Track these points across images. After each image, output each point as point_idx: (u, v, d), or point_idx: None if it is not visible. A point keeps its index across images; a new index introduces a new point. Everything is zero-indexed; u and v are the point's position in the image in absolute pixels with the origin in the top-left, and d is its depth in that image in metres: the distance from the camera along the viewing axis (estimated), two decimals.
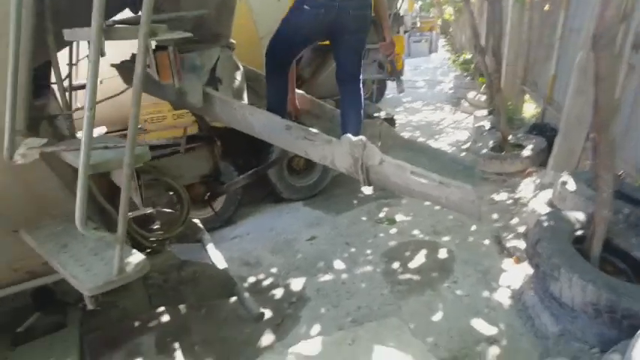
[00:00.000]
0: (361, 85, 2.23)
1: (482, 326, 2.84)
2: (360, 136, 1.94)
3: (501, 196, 4.73)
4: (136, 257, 1.38)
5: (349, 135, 1.96)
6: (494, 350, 2.63)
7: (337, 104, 2.70)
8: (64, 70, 2.20)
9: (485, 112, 7.21)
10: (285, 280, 3.65)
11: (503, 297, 3.11)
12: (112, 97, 2.09)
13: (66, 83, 2.53)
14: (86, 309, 2.22)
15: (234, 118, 2.07)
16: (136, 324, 3.18)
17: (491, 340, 2.71)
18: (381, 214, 4.71)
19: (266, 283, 3.64)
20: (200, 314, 3.22)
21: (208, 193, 2.78)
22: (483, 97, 7.83)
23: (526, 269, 3.17)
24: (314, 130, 2.02)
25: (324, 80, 3.97)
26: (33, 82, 1.84)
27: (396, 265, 3.73)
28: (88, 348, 2.60)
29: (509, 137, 5.47)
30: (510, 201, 4.59)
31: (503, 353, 2.59)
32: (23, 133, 1.34)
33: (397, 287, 3.40)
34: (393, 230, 4.35)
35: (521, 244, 3.51)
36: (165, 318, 3.20)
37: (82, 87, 2.82)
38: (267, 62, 2.21)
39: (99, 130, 3.12)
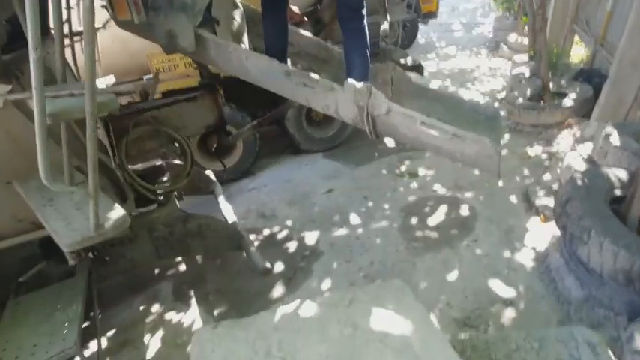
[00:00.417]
0: (365, 23, 1.97)
1: (500, 287, 2.71)
2: (365, 83, 1.73)
3: (535, 150, 4.37)
4: (116, 212, 1.32)
5: (353, 81, 1.76)
6: (509, 312, 2.51)
7: None
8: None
9: (526, 57, 6.55)
10: (299, 233, 3.61)
11: (525, 258, 2.94)
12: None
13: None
14: (96, 258, 2.28)
15: (229, 63, 1.90)
16: (156, 271, 3.30)
17: (508, 302, 2.58)
18: (403, 168, 4.50)
19: (280, 235, 3.63)
20: (215, 265, 3.28)
21: (219, 144, 2.69)
22: (525, 40, 7.09)
23: (553, 230, 2.95)
24: (314, 76, 1.82)
25: None
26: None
27: (414, 220, 3.59)
28: (104, 293, 2.72)
29: (551, 84, 4.95)
30: (545, 155, 4.24)
31: (519, 316, 2.47)
32: None
33: (413, 244, 3.29)
34: (414, 184, 4.16)
35: (551, 203, 3.25)
36: (182, 267, 3.29)
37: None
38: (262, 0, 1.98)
39: (106, 80, 3.04)
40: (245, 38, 2.19)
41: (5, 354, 1.57)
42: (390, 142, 5.08)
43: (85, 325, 2.11)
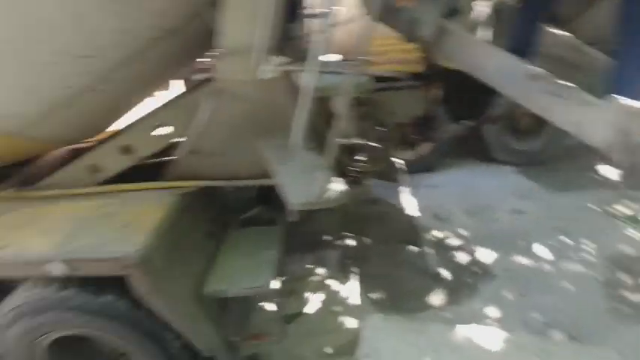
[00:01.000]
0: None
1: None
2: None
3: None
4: (339, 186, 1.42)
5: (623, 98, 1.43)
6: None
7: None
8: None
9: None
10: (473, 246, 3.34)
11: None
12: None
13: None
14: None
15: (466, 57, 1.79)
16: (328, 238, 3.54)
17: None
18: (620, 208, 3.63)
19: (452, 242, 3.43)
20: (380, 250, 3.33)
21: (416, 137, 2.65)
22: None
23: None
24: (568, 84, 1.56)
25: (593, 19, 3.01)
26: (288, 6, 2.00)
27: (625, 278, 2.88)
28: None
29: None
30: None
31: None
32: (271, 51, 1.48)
33: (620, 307, 2.64)
34: (633, 233, 3.31)
35: None
36: (352, 242, 3.44)
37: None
38: None
39: (334, 58, 3.29)
40: (484, 32, 2.03)
41: (223, 272, 1.96)
42: (610, 172, 4.15)
43: None
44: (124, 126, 2.32)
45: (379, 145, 2.49)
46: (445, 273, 3.03)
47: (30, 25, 1.53)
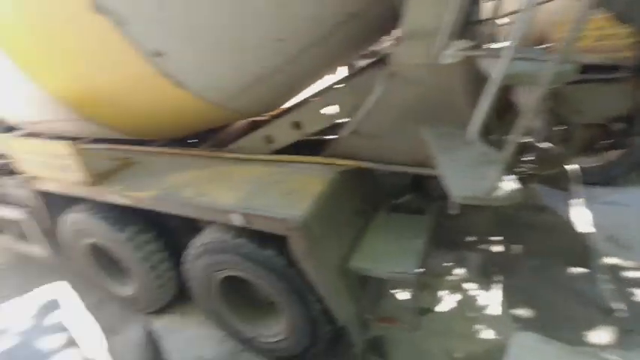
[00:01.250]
0: None
1: None
2: None
3: None
4: (510, 185, 1.29)
5: None
6: None
7: None
8: None
9: None
10: None
11: None
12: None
13: None
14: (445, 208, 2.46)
15: None
16: (472, 239, 3.29)
17: None
18: None
19: (632, 274, 2.82)
20: (531, 264, 2.96)
21: (604, 141, 2.19)
22: None
23: None
24: None
25: None
26: None
27: None
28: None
29: None
30: None
31: None
32: (453, 36, 1.42)
33: None
34: None
35: None
36: (500, 248, 3.14)
37: None
38: None
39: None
40: None
41: (369, 251, 2.05)
42: None
43: None
44: (295, 103, 2.58)
45: (553, 147, 2.16)
46: (619, 308, 2.52)
47: (242, 14, 1.81)
